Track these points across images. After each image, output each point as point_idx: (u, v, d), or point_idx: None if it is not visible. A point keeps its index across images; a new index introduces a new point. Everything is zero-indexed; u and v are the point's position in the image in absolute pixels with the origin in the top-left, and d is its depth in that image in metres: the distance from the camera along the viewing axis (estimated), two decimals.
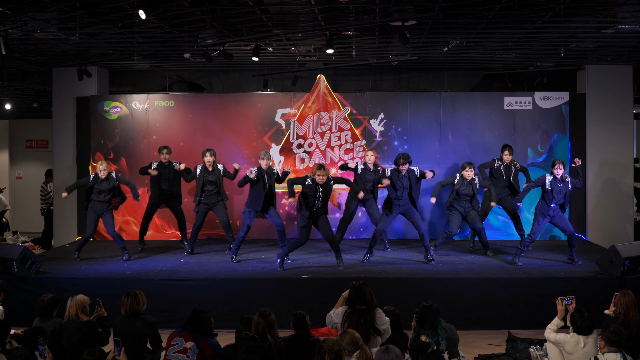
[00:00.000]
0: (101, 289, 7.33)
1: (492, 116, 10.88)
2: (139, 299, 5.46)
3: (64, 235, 11.16)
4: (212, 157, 9.07)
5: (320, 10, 7.75)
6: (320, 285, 7.61)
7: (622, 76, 11.01)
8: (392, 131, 10.88)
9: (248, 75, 12.05)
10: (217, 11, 7.72)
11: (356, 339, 4.40)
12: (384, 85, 12.19)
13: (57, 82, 11.28)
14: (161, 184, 9.54)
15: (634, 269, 7.59)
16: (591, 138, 10.95)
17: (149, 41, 9.26)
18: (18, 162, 16.12)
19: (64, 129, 11.22)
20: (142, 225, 9.88)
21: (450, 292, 7.57)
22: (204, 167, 9.11)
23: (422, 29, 8.59)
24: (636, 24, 8.18)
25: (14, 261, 7.66)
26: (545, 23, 8.24)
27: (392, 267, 8.33)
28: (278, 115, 10.97)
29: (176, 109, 11.07)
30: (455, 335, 5.26)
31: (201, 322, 5.07)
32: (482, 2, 7.35)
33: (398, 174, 8.54)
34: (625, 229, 10.93)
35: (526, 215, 10.76)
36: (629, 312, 5.38)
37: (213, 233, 10.69)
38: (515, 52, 10.19)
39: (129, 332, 5.32)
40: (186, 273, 8.01)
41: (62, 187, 11.14)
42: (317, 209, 8.17)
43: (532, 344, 6.31)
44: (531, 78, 12.57)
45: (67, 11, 7.52)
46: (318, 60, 10.78)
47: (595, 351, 4.97)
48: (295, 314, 5.23)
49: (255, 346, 4.39)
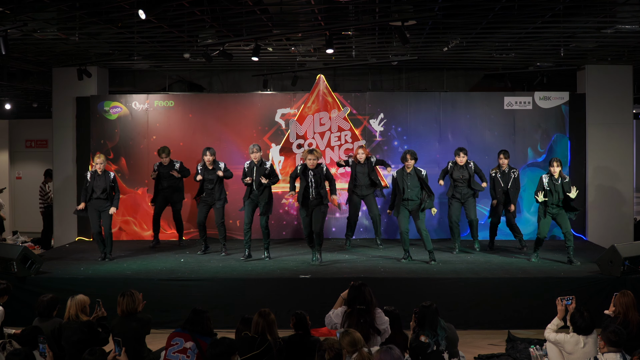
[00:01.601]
0: (101, 289, 7.31)
1: (492, 116, 10.88)
2: (135, 298, 5.44)
3: (64, 235, 11.16)
4: (212, 157, 9.11)
5: (320, 10, 7.75)
6: (320, 285, 7.60)
7: (622, 76, 11.01)
8: (392, 131, 10.88)
9: (248, 75, 12.05)
10: (217, 11, 7.72)
11: (356, 340, 4.41)
12: (383, 85, 12.19)
13: (57, 82, 11.28)
14: (162, 182, 9.77)
15: (634, 269, 7.59)
16: (591, 138, 10.95)
17: (148, 41, 9.26)
18: (18, 162, 16.11)
19: (64, 129, 11.22)
20: (153, 224, 10.14)
21: (450, 292, 7.56)
22: (204, 165, 9.16)
23: (422, 29, 8.59)
24: (636, 24, 8.18)
25: (14, 261, 7.66)
26: (545, 23, 8.24)
27: (392, 267, 8.32)
28: (278, 115, 10.97)
29: (176, 109, 11.08)
30: (455, 335, 5.26)
31: (201, 322, 5.07)
32: (482, 2, 7.35)
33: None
34: (625, 229, 10.93)
35: (526, 216, 10.77)
36: (629, 312, 5.38)
37: (213, 233, 10.67)
38: (515, 52, 10.19)
39: (127, 332, 5.30)
40: (186, 273, 8.00)
41: (61, 187, 11.18)
42: (312, 199, 8.23)
43: (532, 344, 6.31)
44: (531, 78, 12.57)
45: (67, 11, 7.52)
46: (318, 60, 10.78)
47: (595, 351, 4.97)
48: (295, 314, 5.23)
49: (218, 340, 4.41)
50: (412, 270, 8.19)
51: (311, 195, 8.25)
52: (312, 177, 8.21)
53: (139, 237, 10.92)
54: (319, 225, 8.35)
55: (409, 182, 8.44)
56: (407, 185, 8.43)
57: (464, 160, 9.11)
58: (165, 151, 9.68)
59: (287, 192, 10.68)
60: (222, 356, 4.30)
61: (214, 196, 9.22)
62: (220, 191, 9.25)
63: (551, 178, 8.33)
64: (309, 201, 8.29)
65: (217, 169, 9.11)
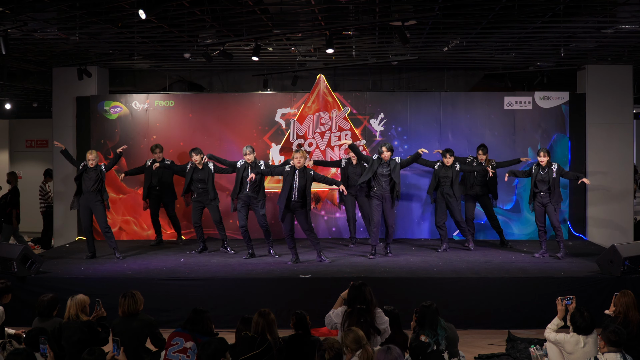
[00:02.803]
0: (101, 289, 7.32)
1: (492, 116, 10.88)
2: (136, 299, 5.45)
3: (64, 235, 11.17)
4: (197, 156, 9.18)
5: (320, 10, 7.75)
6: (320, 285, 7.60)
7: (622, 76, 11.00)
8: (392, 131, 10.88)
9: (248, 75, 12.05)
10: (217, 11, 7.72)
11: (360, 337, 4.42)
12: (384, 85, 12.18)
13: (57, 82, 11.28)
14: (152, 180, 9.97)
15: (634, 269, 7.59)
16: (591, 138, 10.95)
17: (148, 41, 9.26)
18: (18, 162, 16.11)
19: (64, 129, 11.22)
20: (153, 225, 10.31)
21: (450, 292, 7.56)
22: (193, 164, 9.23)
23: (422, 29, 8.59)
24: (636, 24, 8.18)
25: (14, 261, 7.66)
26: (545, 23, 8.24)
27: (392, 267, 8.32)
28: (278, 115, 10.97)
29: (176, 108, 11.08)
30: (455, 334, 5.27)
31: (201, 321, 5.07)
32: (482, 2, 7.35)
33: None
34: (625, 229, 10.93)
35: (526, 215, 10.77)
36: (629, 312, 5.37)
37: (214, 233, 10.67)
38: (515, 52, 10.19)
39: (128, 333, 5.31)
40: (186, 273, 8.00)
41: (61, 187, 11.18)
42: (294, 202, 8.23)
43: (532, 344, 6.31)
44: (531, 78, 12.57)
45: (67, 11, 7.53)
46: (318, 60, 10.79)
47: (595, 351, 4.97)
48: (295, 314, 5.23)
49: (207, 341, 4.42)
50: (412, 270, 8.19)
51: (293, 198, 8.25)
52: (298, 178, 8.22)
53: (139, 237, 10.93)
54: (305, 227, 8.41)
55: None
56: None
57: (451, 161, 9.36)
58: (158, 146, 9.96)
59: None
60: (214, 357, 4.31)
61: (207, 196, 9.25)
62: (214, 191, 9.28)
63: (539, 167, 8.71)
64: (290, 203, 8.29)
65: (208, 168, 9.19)
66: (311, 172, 8.34)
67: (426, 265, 8.47)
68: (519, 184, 10.78)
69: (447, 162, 9.35)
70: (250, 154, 8.89)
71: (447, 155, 9.37)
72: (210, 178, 9.22)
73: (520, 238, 10.69)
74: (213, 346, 4.35)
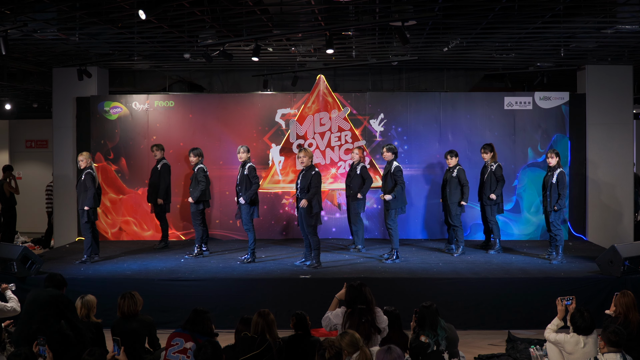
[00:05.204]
0: (101, 289, 7.31)
1: (492, 116, 10.88)
2: (135, 300, 5.47)
3: (64, 235, 11.17)
4: (194, 158, 9.18)
5: (320, 10, 7.75)
6: (320, 285, 7.60)
7: (622, 76, 11.01)
8: (392, 131, 10.88)
9: (248, 75, 12.06)
10: (217, 11, 7.72)
11: (356, 339, 4.37)
12: (384, 86, 12.19)
13: (57, 82, 11.28)
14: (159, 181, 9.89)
15: (634, 269, 7.59)
16: (591, 138, 10.95)
17: (149, 41, 9.26)
18: (18, 162, 16.09)
19: (64, 129, 11.23)
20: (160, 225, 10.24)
21: (450, 292, 7.57)
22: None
23: (422, 29, 8.59)
24: (636, 24, 8.18)
25: (14, 261, 7.66)
26: (545, 23, 8.24)
27: (392, 267, 8.33)
28: (278, 115, 10.97)
29: (176, 109, 11.08)
30: (455, 335, 5.26)
31: (201, 322, 5.07)
32: (482, 2, 7.35)
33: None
34: (625, 229, 10.93)
35: (526, 216, 10.77)
36: (629, 312, 5.38)
37: (215, 233, 10.68)
38: (515, 52, 10.19)
39: (128, 333, 5.32)
40: (186, 273, 8.01)
41: (61, 187, 11.20)
42: (298, 199, 8.27)
43: (532, 344, 6.31)
44: (531, 78, 12.57)
45: (67, 11, 7.53)
46: (318, 60, 10.78)
47: (595, 351, 4.97)
48: (295, 314, 5.23)
49: (202, 344, 4.40)
50: (412, 270, 8.19)
51: (297, 197, 8.33)
52: (300, 179, 8.25)
53: (139, 237, 10.92)
54: (304, 229, 8.36)
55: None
56: None
57: (452, 162, 9.29)
58: (156, 145, 10.00)
59: (287, 192, 10.72)
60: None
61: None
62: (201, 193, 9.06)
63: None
64: (298, 202, 8.34)
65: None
66: (312, 173, 8.24)
67: (426, 265, 8.47)
68: (518, 185, 10.78)
69: (447, 163, 9.37)
70: (244, 153, 8.76)
71: (448, 157, 9.39)
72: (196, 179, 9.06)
73: (520, 238, 10.68)
74: (209, 351, 4.32)
